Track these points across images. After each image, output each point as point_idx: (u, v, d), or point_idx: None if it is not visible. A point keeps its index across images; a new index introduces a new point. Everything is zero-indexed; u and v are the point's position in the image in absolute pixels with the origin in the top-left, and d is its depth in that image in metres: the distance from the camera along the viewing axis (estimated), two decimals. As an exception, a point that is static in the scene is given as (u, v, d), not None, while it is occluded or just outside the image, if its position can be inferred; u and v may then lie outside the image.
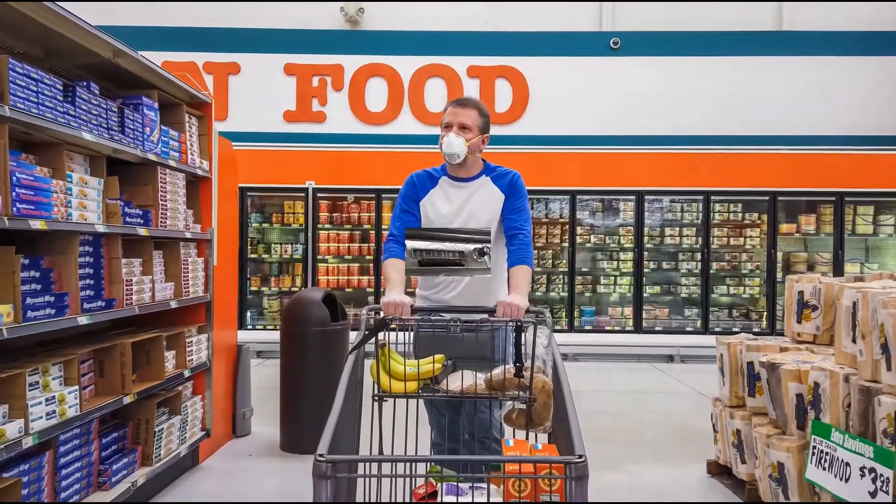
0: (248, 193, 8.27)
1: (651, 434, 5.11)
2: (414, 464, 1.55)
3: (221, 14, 9.18)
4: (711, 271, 8.43)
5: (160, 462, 3.54)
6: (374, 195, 8.39)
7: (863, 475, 2.62)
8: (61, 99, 2.70)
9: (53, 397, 2.63)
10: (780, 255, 8.43)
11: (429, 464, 2.09)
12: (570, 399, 1.84)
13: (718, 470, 4.02)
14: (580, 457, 1.50)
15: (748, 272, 8.53)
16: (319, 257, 8.47)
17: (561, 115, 9.05)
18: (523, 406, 2.18)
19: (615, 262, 8.59)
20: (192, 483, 3.91)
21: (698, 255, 8.44)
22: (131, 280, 3.25)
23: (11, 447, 2.38)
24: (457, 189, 2.87)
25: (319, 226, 8.45)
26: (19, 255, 2.45)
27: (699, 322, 8.36)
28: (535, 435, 2.18)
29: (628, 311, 8.46)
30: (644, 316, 8.38)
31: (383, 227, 8.38)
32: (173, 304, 3.69)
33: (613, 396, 6.37)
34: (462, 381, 2.18)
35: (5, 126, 2.36)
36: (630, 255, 8.46)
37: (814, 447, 2.94)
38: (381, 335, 2.22)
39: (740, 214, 8.57)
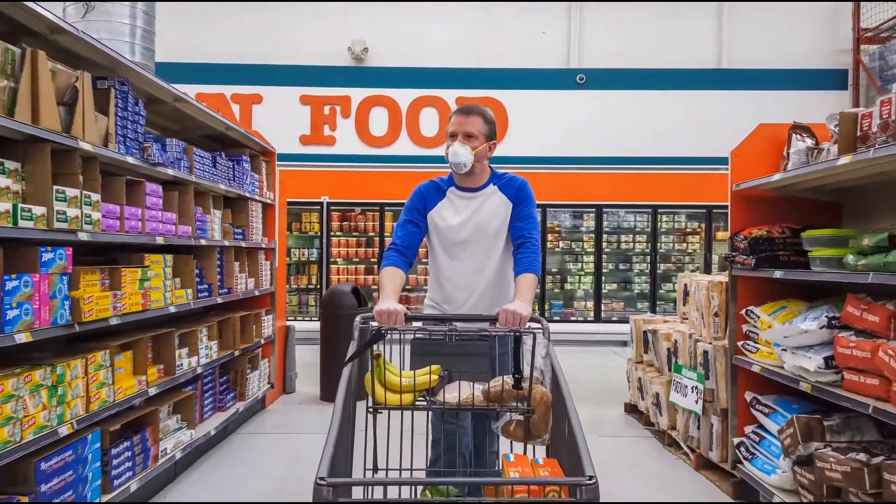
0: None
1: (592, 390, 6.94)
2: (416, 487, 1.46)
3: (246, 52, 10.95)
4: (659, 271, 10.32)
5: (248, 399, 5.35)
6: (378, 208, 10.20)
7: (692, 391, 4.47)
8: (210, 165, 4.51)
9: (206, 346, 4.44)
10: (716, 257, 10.33)
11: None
12: (574, 412, 1.77)
13: (630, 409, 5.88)
14: (591, 478, 1.41)
15: (690, 272, 10.42)
16: (331, 260, 10.28)
17: (535, 139, 10.90)
18: (521, 418, 2.16)
19: (580, 264, 10.46)
20: (264, 417, 5.73)
21: (649, 258, 10.33)
22: (236, 276, 5.07)
23: (193, 371, 4.19)
24: (465, 200, 2.84)
25: (332, 234, 10.26)
26: (195, 260, 4.26)
27: (649, 313, 10.23)
28: (534, 447, 2.18)
29: (590, 304, 10.33)
30: (603, 308, 10.25)
31: (386, 234, 10.20)
32: (256, 293, 5.51)
33: (570, 369, 8.21)
34: (459, 392, 2.17)
35: (191, 186, 4.17)
36: (592, 258, 10.34)
37: (673, 380, 4.80)
38: (375, 346, 2.17)
39: (683, 223, 10.47)
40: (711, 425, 4.26)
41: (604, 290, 10.33)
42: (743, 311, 3.84)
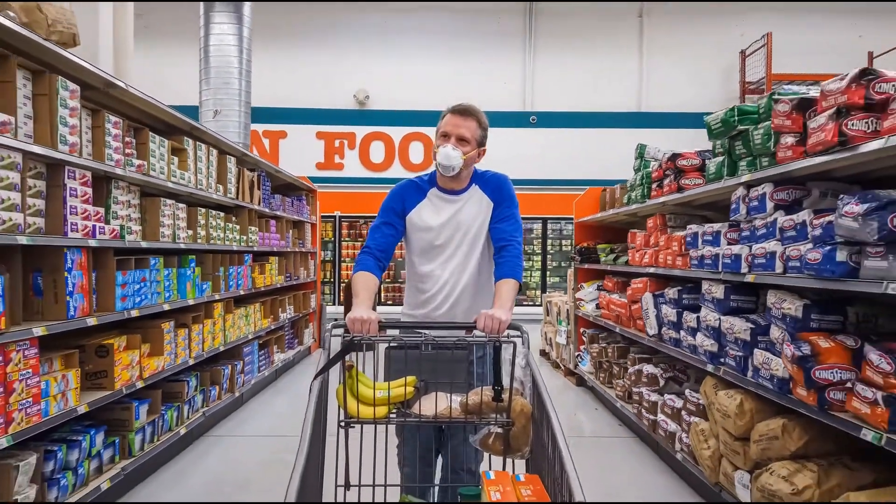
0: (297, 219, 13.65)
1: (526, 348, 10.59)
2: None
3: (274, 97, 14.54)
4: (590, 268, 14.01)
5: (303, 346, 8.98)
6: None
7: (564, 333, 8.13)
8: (290, 205, 8.14)
9: (289, 307, 8.07)
10: (634, 257, 14.04)
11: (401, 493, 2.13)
12: (559, 425, 1.74)
13: (542, 353, 9.54)
14: None
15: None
16: (342, 259, 13.90)
17: (496, 166, 14.42)
18: (500, 430, 2.15)
19: (531, 262, 14.14)
20: (310, 359, 9.36)
21: (582, 258, 14.01)
22: (299, 269, 8.70)
23: (284, 321, 7.83)
24: (447, 203, 2.81)
25: (342, 240, 13.89)
26: (283, 259, 7.89)
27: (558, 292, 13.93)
28: (513, 462, 2.17)
29: (539, 292, 14.00)
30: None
31: (383, 240, 13.80)
32: (308, 280, 9.17)
33: (517, 337, 11.87)
34: (436, 404, 2.15)
35: (284, 219, 7.80)
36: (540, 258, 14.02)
37: (558, 329, 8.46)
38: (348, 356, 2.15)
39: (609, 232, 14.16)
40: (570, 349, 7.92)
41: (549, 282, 14.03)
42: (579, 286, 7.51)
